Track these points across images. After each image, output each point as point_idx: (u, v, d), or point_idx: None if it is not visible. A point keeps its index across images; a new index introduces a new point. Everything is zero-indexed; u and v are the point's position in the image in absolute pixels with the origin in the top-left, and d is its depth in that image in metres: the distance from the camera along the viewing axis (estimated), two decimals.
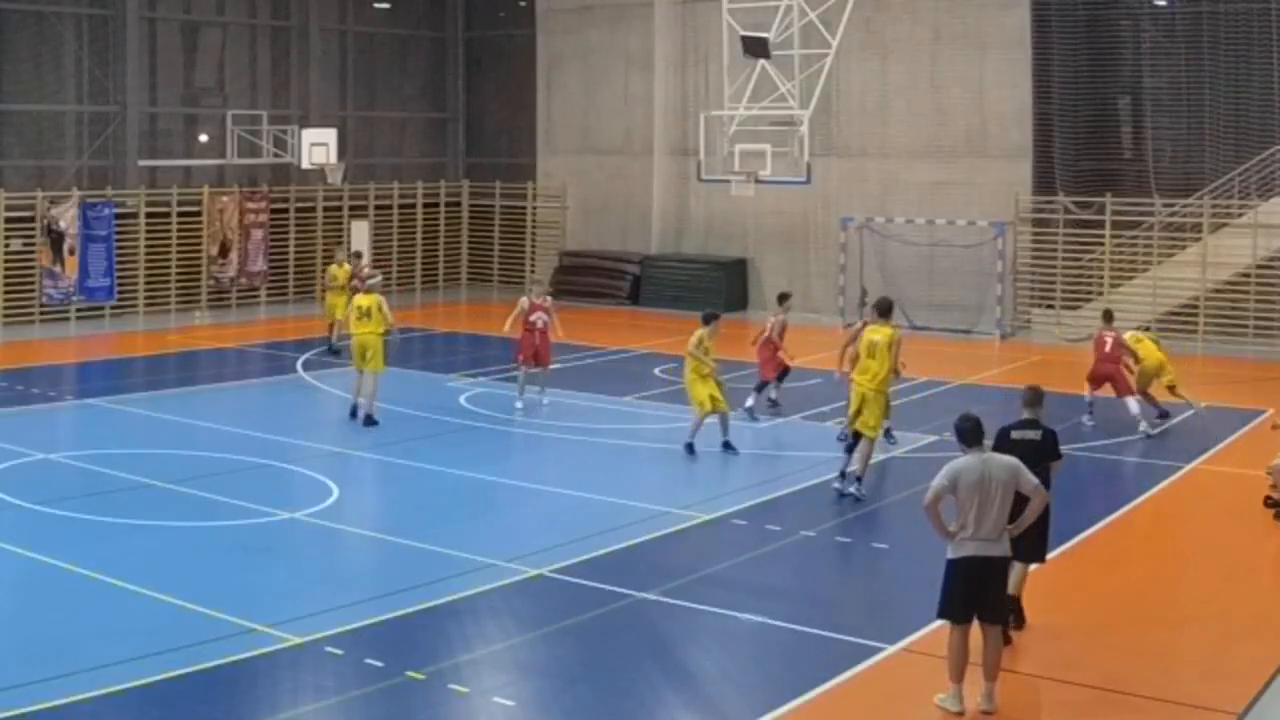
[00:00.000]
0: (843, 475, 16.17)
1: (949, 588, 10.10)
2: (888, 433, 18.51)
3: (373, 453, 18.05)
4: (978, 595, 10.00)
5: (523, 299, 21.60)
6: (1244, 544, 14.73)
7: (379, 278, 21.96)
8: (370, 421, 19.44)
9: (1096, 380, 20.10)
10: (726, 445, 17.94)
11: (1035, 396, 11.61)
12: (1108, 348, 20.02)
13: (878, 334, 16.21)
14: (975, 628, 10.06)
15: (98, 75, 31.21)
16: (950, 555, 10.07)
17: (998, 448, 11.08)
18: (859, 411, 16.13)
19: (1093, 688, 10.50)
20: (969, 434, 10.11)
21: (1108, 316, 21.01)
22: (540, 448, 18.85)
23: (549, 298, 22.55)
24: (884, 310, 16.58)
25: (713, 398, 17.89)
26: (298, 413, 20.86)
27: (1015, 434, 11.38)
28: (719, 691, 10.43)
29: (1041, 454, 11.23)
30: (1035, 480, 10.13)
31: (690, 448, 17.93)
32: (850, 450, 16.23)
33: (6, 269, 29.15)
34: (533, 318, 21.22)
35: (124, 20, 31.21)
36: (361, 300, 20.10)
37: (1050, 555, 12.84)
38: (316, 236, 34.58)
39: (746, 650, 11.40)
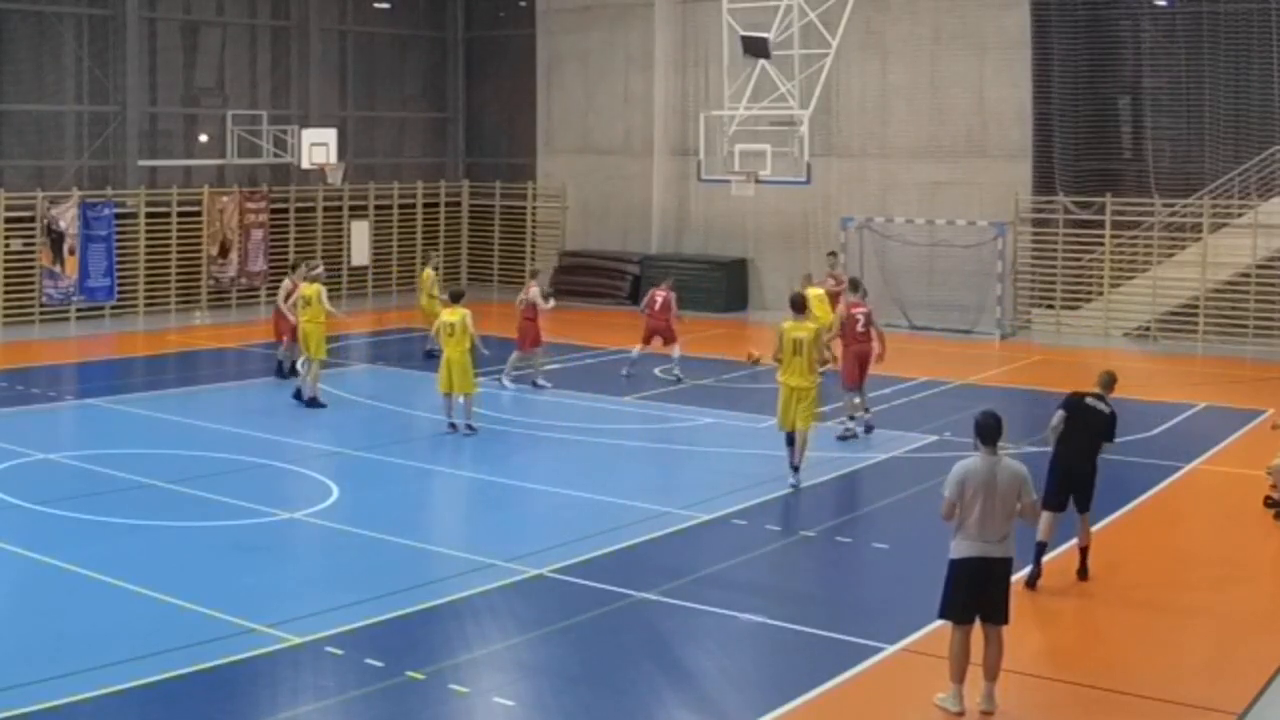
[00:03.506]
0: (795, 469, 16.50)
1: (950, 588, 10.11)
2: (869, 428, 18.79)
3: (373, 453, 18.05)
4: (979, 596, 9.99)
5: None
6: (1244, 544, 14.73)
7: (321, 268, 22.96)
8: (315, 403, 20.60)
9: (648, 336, 23.39)
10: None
11: (1111, 381, 13.07)
12: (657, 306, 23.38)
13: (799, 331, 16.40)
14: (978, 629, 10.06)
15: (98, 75, 31.21)
16: (952, 556, 10.08)
17: (1068, 406, 12.85)
18: (790, 410, 16.26)
19: (1093, 688, 10.50)
20: (988, 432, 10.08)
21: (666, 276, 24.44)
22: (540, 448, 18.84)
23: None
24: (798, 306, 16.79)
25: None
26: (298, 413, 20.85)
27: (1089, 400, 12.77)
28: (719, 691, 10.43)
29: (1105, 428, 12.77)
30: (1035, 496, 10.19)
31: None
32: (793, 444, 16.48)
33: (6, 269, 29.15)
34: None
35: (124, 20, 31.21)
36: (305, 289, 21.24)
37: (1050, 555, 12.90)
38: (316, 236, 34.59)
39: (746, 650, 11.40)
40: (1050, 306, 30.70)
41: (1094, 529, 13.27)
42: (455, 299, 19.77)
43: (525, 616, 11.97)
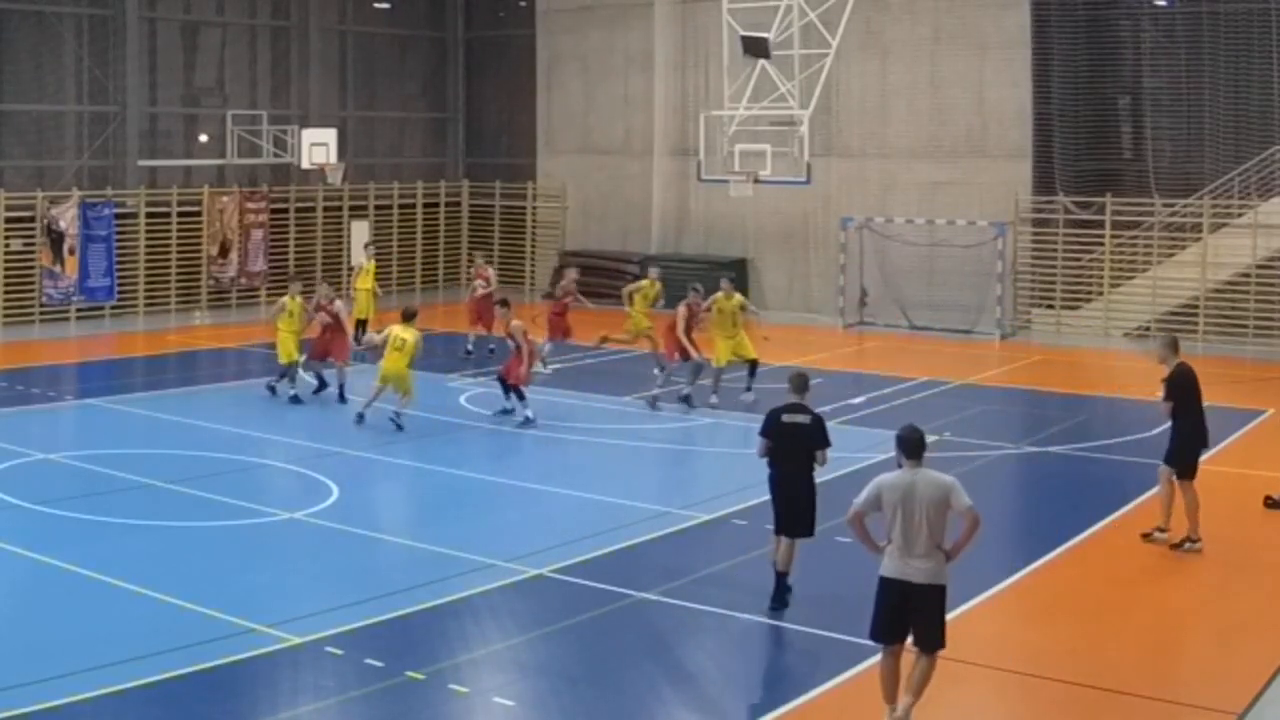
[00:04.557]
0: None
1: (876, 606, 9.61)
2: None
3: (373, 453, 18.05)
4: (903, 619, 9.48)
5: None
6: (1244, 544, 14.73)
7: (298, 285, 22.66)
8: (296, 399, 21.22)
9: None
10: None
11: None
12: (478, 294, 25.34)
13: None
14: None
15: (98, 75, 31.21)
16: (880, 572, 9.64)
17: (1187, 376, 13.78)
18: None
19: (1093, 687, 10.50)
20: (910, 445, 9.51)
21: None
22: (540, 448, 18.84)
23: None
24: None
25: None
26: (298, 413, 20.86)
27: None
28: (719, 691, 10.43)
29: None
30: (968, 501, 9.41)
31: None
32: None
33: (6, 269, 29.15)
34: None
35: (124, 20, 31.22)
36: (290, 303, 21.64)
37: (1049, 555, 12.89)
38: (316, 236, 34.61)
39: (746, 650, 11.40)
40: (1050, 306, 30.70)
41: (1094, 528, 13.27)
42: (408, 318, 19.64)
43: (525, 616, 11.98)
